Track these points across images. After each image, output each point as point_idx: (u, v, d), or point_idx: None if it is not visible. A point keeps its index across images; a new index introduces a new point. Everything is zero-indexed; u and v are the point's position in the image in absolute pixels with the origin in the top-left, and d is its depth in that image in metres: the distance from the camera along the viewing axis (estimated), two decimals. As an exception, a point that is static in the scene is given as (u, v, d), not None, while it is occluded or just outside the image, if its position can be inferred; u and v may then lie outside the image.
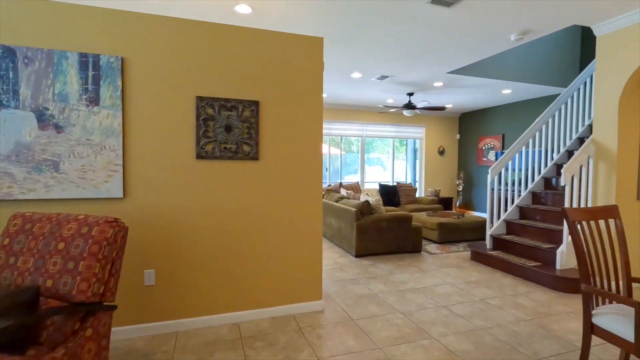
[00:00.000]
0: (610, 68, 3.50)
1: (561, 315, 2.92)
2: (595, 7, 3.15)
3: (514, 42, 3.97)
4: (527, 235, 4.35)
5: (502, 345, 2.40)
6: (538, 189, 4.80)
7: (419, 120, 8.95)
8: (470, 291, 3.45)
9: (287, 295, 2.85)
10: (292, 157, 2.82)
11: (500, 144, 7.97)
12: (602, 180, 3.61)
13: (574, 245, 1.96)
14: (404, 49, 4.32)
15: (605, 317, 1.85)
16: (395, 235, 4.79)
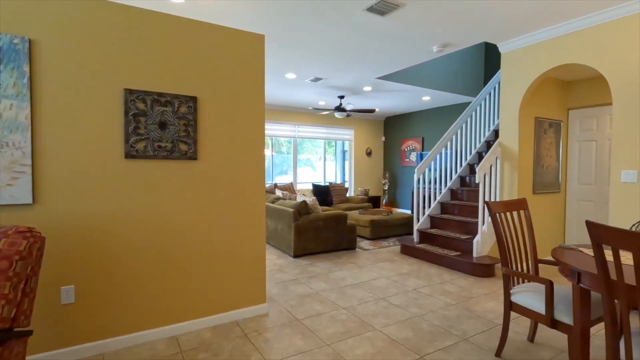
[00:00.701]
0: (513, 81, 4.07)
1: (480, 297, 3.30)
2: (501, 28, 3.64)
3: (436, 53, 4.38)
4: (448, 228, 4.83)
5: (436, 329, 2.62)
6: (455, 186, 5.35)
7: (348, 123, 9.32)
8: (404, 282, 3.70)
9: (229, 301, 2.73)
10: (234, 156, 2.71)
11: (421, 146, 8.70)
12: (507, 177, 4.17)
13: (495, 234, 2.23)
14: (339, 53, 4.46)
15: (521, 295, 2.15)
16: (332, 234, 4.91)
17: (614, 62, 3.20)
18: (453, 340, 2.45)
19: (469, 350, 2.32)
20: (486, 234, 4.16)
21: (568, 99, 4.71)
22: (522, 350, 2.33)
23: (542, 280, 1.98)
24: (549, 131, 4.48)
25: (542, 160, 4.39)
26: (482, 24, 3.52)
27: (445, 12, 3.25)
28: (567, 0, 3.03)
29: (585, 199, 4.60)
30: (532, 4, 3.09)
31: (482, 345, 2.40)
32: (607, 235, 1.33)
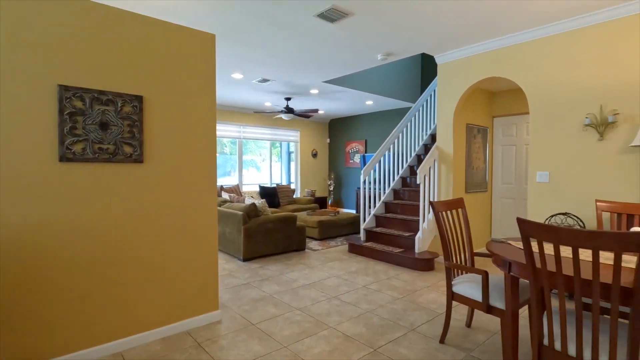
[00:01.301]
0: (448, 91, 4.45)
1: (423, 290, 3.56)
2: (438, 42, 3.97)
3: (380, 60, 4.62)
4: (392, 226, 5.12)
5: (387, 323, 2.78)
6: (398, 186, 5.69)
7: (294, 125, 9.36)
8: (353, 280, 3.84)
9: (180, 310, 2.61)
10: (184, 159, 2.60)
11: (364, 148, 9.06)
12: (443, 178, 4.55)
13: (439, 231, 2.44)
14: (288, 56, 4.48)
15: (461, 285, 2.37)
16: (282, 235, 4.91)
17: (531, 77, 3.67)
18: (402, 332, 2.62)
19: (416, 340, 2.50)
20: (426, 231, 4.49)
21: (493, 108, 5.28)
22: (462, 335, 2.58)
23: (479, 271, 2.22)
24: (477, 136, 4.97)
25: (473, 162, 4.86)
26: (422, 37, 3.81)
27: (390, 24, 3.46)
28: (493, 21, 3.41)
29: (507, 196, 5.19)
30: (464, 22, 3.42)
31: (427, 333, 2.60)
32: (534, 230, 1.54)
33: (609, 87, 3.17)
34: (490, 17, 3.33)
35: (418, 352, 2.33)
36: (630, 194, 3.07)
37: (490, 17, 3.33)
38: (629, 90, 3.07)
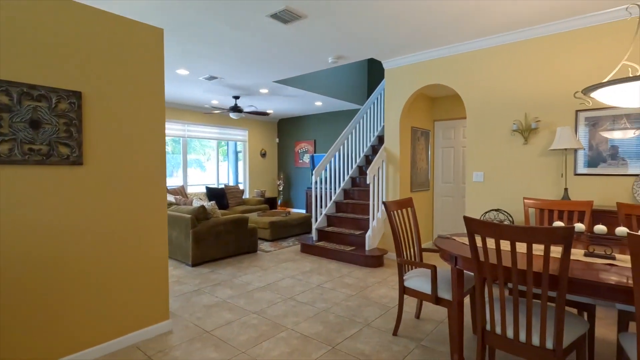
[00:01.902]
0: (395, 95, 4.68)
1: (374, 286, 3.72)
2: (387, 48, 4.16)
3: (331, 63, 4.71)
4: (344, 225, 5.25)
5: (343, 320, 2.86)
6: (348, 186, 5.85)
7: (242, 124, 9.16)
8: (308, 280, 3.88)
9: (128, 322, 2.43)
10: (130, 160, 2.42)
11: (313, 148, 9.16)
12: (391, 178, 4.78)
13: (391, 229, 2.57)
14: (238, 54, 4.38)
15: (412, 280, 2.53)
16: (233, 238, 4.79)
17: (468, 85, 4.01)
18: (358, 327, 2.72)
19: (371, 334, 2.61)
20: (376, 229, 4.69)
21: (434, 112, 5.67)
22: (412, 326, 2.74)
23: (428, 265, 2.38)
24: (421, 139, 5.30)
25: (417, 163, 5.18)
26: (372, 43, 3.96)
27: (342, 29, 3.55)
28: (436, 32, 3.66)
29: (447, 195, 5.61)
30: (411, 31, 3.63)
31: (381, 327, 2.73)
32: (479, 227, 1.70)
33: (533, 97, 3.59)
34: (434, 29, 3.57)
35: (374, 346, 2.44)
36: (550, 192, 3.51)
37: (433, 29, 3.57)
38: (548, 100, 3.50)
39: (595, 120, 3.28)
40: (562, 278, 1.54)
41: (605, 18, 3.15)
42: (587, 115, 3.31)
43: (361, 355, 2.31)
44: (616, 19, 3.11)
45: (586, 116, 3.31)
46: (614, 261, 1.87)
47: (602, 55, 3.20)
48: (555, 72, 3.45)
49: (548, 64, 3.48)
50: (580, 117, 3.34)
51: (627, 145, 3.14)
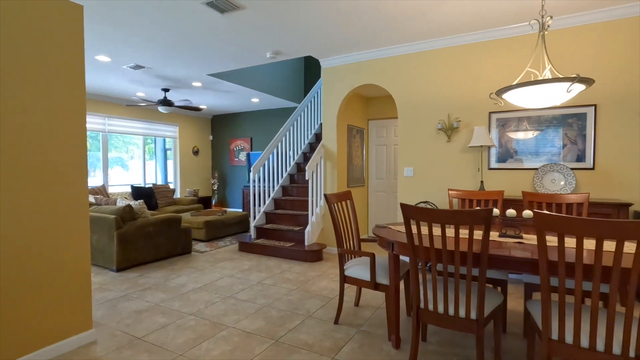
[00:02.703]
0: (332, 93, 4.81)
1: (314, 279, 3.78)
2: (324, 47, 4.25)
3: (269, 59, 4.67)
4: (283, 222, 5.24)
5: (285, 314, 2.86)
6: (286, 183, 5.85)
7: (172, 119, 8.60)
8: (247, 278, 3.80)
9: (43, 335, 2.13)
10: (44, 153, 2.13)
11: (250, 146, 8.98)
12: (329, 174, 4.90)
13: (332, 221, 2.64)
14: (169, 43, 4.11)
15: (352, 268, 2.63)
16: (164, 239, 4.48)
17: (400, 86, 4.29)
18: (300, 320, 2.74)
19: (314, 325, 2.65)
20: (315, 224, 4.77)
21: (368, 112, 5.94)
22: (352, 314, 2.85)
23: (367, 254, 2.50)
24: (356, 136, 5.52)
25: (353, 160, 5.38)
26: (310, 40, 4.02)
27: (281, 24, 3.54)
28: (372, 35, 3.85)
29: (380, 190, 5.92)
30: (348, 32, 3.76)
31: (323, 317, 2.78)
32: (414, 213, 1.84)
33: (454, 99, 3.97)
34: (369, 31, 3.75)
35: (317, 335, 2.48)
36: (470, 183, 3.91)
37: (369, 31, 3.75)
38: (467, 102, 3.90)
39: (504, 122, 3.74)
40: (484, 253, 1.74)
41: (515, 31, 3.62)
42: (498, 117, 3.76)
43: (304, 346, 2.34)
44: (523, 32, 3.59)
45: (497, 117, 3.77)
46: (521, 240, 2.16)
47: (511, 63, 3.67)
48: (473, 77, 3.86)
49: (468, 70, 3.88)
50: (493, 119, 3.79)
51: (527, 144, 3.64)
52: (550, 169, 3.46)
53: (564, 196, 2.76)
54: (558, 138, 3.50)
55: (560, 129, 3.49)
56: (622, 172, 3.25)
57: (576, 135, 3.43)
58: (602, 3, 3.09)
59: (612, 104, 3.27)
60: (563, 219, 1.43)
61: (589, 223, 1.38)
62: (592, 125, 3.35)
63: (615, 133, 3.27)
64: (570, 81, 1.98)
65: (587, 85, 2.05)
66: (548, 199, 2.81)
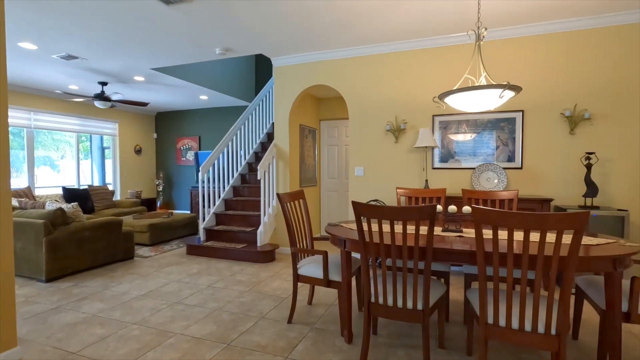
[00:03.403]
0: (284, 93, 4.79)
1: (267, 280, 3.74)
2: (275, 46, 4.22)
3: (219, 55, 4.52)
4: (234, 223, 5.11)
5: (237, 316, 2.80)
6: (237, 183, 5.71)
7: (110, 115, 7.98)
8: (196, 282, 3.65)
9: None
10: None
11: (198, 145, 8.62)
12: (281, 174, 4.88)
13: (285, 220, 2.63)
14: (108, 32, 3.81)
15: (305, 267, 2.64)
16: (103, 245, 4.14)
17: (351, 88, 4.40)
18: (253, 321, 2.70)
19: (267, 325, 2.63)
20: (267, 225, 4.71)
21: (320, 112, 6.01)
22: (305, 313, 2.87)
23: (320, 252, 2.53)
24: (309, 136, 5.56)
25: (305, 159, 5.41)
26: (261, 38, 3.97)
27: (231, 20, 3.45)
28: (323, 36, 3.90)
29: (332, 189, 6.02)
30: (299, 32, 3.78)
31: (276, 318, 2.77)
32: (365, 210, 1.90)
33: (401, 102, 4.16)
34: (321, 32, 3.80)
35: (270, 336, 2.46)
36: (416, 182, 4.12)
37: (321, 32, 3.79)
38: (412, 105, 4.11)
39: (446, 124, 4.00)
40: (429, 247, 1.85)
41: (455, 40, 3.88)
42: (440, 120, 4.01)
43: (257, 347, 2.30)
44: (462, 42, 3.87)
45: (440, 120, 4.02)
46: (462, 234, 2.33)
47: (452, 69, 3.93)
48: (418, 81, 4.08)
49: (413, 74, 4.09)
50: (436, 121, 4.04)
51: (466, 145, 3.93)
52: (486, 168, 3.77)
53: (497, 193, 3.03)
54: (492, 140, 3.83)
55: (494, 131, 3.81)
56: (545, 171, 3.64)
57: (507, 137, 3.77)
58: (529, 19, 3.44)
59: (537, 110, 3.65)
60: (497, 214, 1.57)
61: (518, 216, 1.53)
62: (520, 129, 3.71)
63: (539, 136, 3.65)
64: (502, 88, 2.17)
65: (515, 92, 2.26)
66: (484, 196, 3.06)
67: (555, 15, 3.35)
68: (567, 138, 3.56)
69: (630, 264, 1.83)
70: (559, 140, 3.58)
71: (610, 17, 3.34)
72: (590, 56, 3.46)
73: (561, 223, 1.48)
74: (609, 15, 3.33)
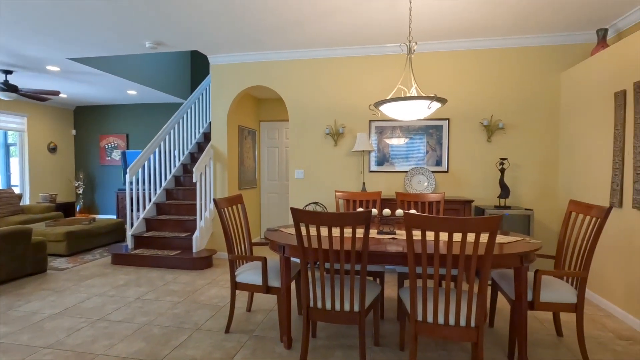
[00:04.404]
0: (222, 92, 4.62)
1: (203, 288, 3.58)
2: (212, 43, 4.05)
3: (149, 49, 4.21)
4: (167, 228, 4.80)
5: (169, 330, 2.63)
6: (170, 186, 5.38)
7: (17, 108, 6.99)
8: (123, 295, 3.36)
9: None
10: None
11: (125, 144, 7.95)
12: (219, 176, 4.70)
13: (222, 226, 2.55)
14: (14, 14, 3.32)
15: (243, 274, 2.58)
16: (7, 258, 3.61)
17: (290, 90, 4.39)
18: (187, 334, 2.56)
19: (203, 337, 2.51)
20: (204, 229, 4.51)
21: (260, 113, 5.92)
22: (244, 320, 2.80)
23: (259, 258, 2.49)
24: (248, 137, 5.44)
25: (245, 161, 5.28)
26: (196, 34, 3.78)
27: (162, 12, 3.23)
28: (264, 36, 3.84)
29: (272, 191, 5.97)
30: (236, 31, 3.67)
31: (213, 328, 2.66)
32: (304, 216, 1.91)
33: (340, 107, 4.27)
34: (259, 34, 3.73)
35: (206, 348, 2.35)
36: (354, 185, 4.26)
37: (258, 33, 3.73)
38: (350, 110, 4.24)
39: (381, 129, 4.20)
40: (364, 251, 1.92)
41: (390, 50, 4.08)
42: (376, 125, 4.20)
43: (192, 362, 2.19)
44: (396, 52, 4.08)
45: (376, 125, 4.20)
46: (395, 236, 2.46)
47: (387, 77, 4.13)
48: (356, 87, 4.22)
49: (351, 80, 4.22)
50: (372, 126, 4.21)
51: (399, 150, 4.17)
52: (417, 172, 4.03)
53: (427, 195, 3.26)
54: (423, 145, 4.11)
55: (424, 137, 4.09)
56: (467, 174, 4.01)
57: (435, 143, 4.08)
58: (456, 35, 3.75)
59: (461, 118, 4.00)
60: (424, 218, 1.69)
61: (442, 221, 1.66)
62: (447, 136, 4.03)
63: (462, 143, 4.01)
64: (430, 100, 2.34)
65: (442, 104, 2.45)
66: (415, 198, 3.27)
67: (475, 34, 3.71)
68: (485, 145, 3.96)
69: (534, 259, 2.09)
70: (478, 146, 3.97)
71: (518, 39, 3.79)
72: (504, 72, 3.88)
73: (479, 226, 1.64)
74: (517, 38, 3.77)
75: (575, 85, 3.50)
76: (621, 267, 2.83)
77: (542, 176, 3.84)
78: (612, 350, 2.34)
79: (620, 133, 2.83)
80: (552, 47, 3.77)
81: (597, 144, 3.15)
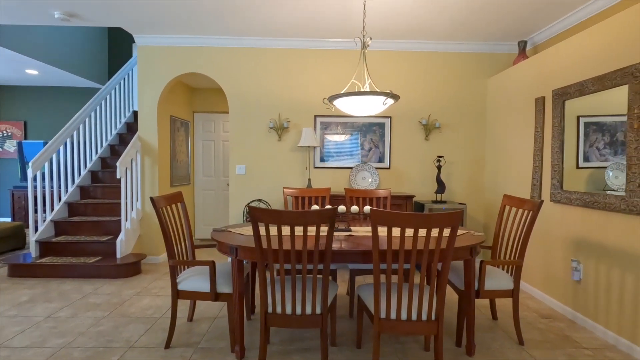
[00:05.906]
0: (151, 77, 4.11)
1: (133, 298, 3.15)
2: (137, 20, 3.58)
3: (59, 20, 3.55)
4: (83, 232, 4.15)
5: (94, 352, 2.24)
6: (86, 183, 4.67)
7: None
8: (28, 314, 2.79)
9: None
10: None
11: (23, 133, 6.73)
12: (148, 171, 4.21)
13: (161, 228, 2.24)
14: None
15: (186, 281, 2.30)
16: None
17: (232, 80, 4.10)
18: (118, 354, 2.20)
19: (138, 356, 2.18)
20: (130, 232, 3.99)
21: (194, 103, 5.46)
22: (186, 332, 2.52)
23: (206, 262, 2.24)
24: (180, 129, 4.97)
25: (177, 155, 4.82)
26: (119, 8, 3.29)
27: (79, -24, 2.73)
28: (199, 18, 3.49)
29: (208, 188, 5.57)
30: (169, 9, 3.28)
31: (149, 344, 2.33)
32: (263, 215, 1.75)
33: (285, 100, 4.11)
34: (196, 15, 3.39)
35: (143, 370, 2.05)
36: (299, 181, 4.15)
37: (196, 14, 3.38)
38: (296, 104, 4.11)
39: (326, 125, 4.15)
40: (328, 250, 1.83)
41: (342, 45, 4.04)
42: (322, 120, 4.14)
43: (128, 387, 1.88)
44: (349, 47, 4.06)
45: (321, 121, 4.14)
46: (351, 232, 2.42)
47: (339, 72, 4.08)
48: (303, 80, 4.10)
49: (298, 73, 4.09)
50: (318, 121, 4.15)
51: (344, 146, 4.18)
52: (361, 168, 4.08)
53: (375, 191, 3.29)
54: (367, 142, 4.17)
55: (368, 134, 4.16)
56: (407, 171, 4.18)
57: (378, 140, 4.17)
58: (400, 36, 3.86)
59: (402, 117, 4.14)
60: (392, 215, 1.66)
61: (409, 217, 1.65)
62: (389, 133, 4.15)
63: (403, 140, 4.16)
64: (385, 96, 2.34)
65: (395, 101, 2.47)
66: (364, 194, 3.29)
67: (418, 36, 3.86)
68: (423, 143, 4.16)
69: (480, 251, 2.22)
70: (417, 144, 4.16)
71: (456, 45, 4.04)
72: (441, 74, 4.12)
73: (443, 222, 1.67)
74: (455, 43, 4.03)
75: (500, 90, 3.86)
76: (541, 254, 3.19)
77: (472, 172, 4.18)
78: (538, 329, 2.62)
79: (540, 135, 3.17)
80: (482, 55, 4.11)
81: (519, 144, 3.51)
